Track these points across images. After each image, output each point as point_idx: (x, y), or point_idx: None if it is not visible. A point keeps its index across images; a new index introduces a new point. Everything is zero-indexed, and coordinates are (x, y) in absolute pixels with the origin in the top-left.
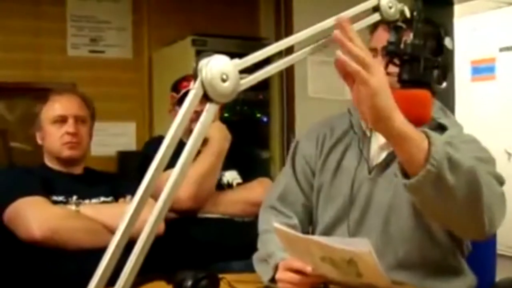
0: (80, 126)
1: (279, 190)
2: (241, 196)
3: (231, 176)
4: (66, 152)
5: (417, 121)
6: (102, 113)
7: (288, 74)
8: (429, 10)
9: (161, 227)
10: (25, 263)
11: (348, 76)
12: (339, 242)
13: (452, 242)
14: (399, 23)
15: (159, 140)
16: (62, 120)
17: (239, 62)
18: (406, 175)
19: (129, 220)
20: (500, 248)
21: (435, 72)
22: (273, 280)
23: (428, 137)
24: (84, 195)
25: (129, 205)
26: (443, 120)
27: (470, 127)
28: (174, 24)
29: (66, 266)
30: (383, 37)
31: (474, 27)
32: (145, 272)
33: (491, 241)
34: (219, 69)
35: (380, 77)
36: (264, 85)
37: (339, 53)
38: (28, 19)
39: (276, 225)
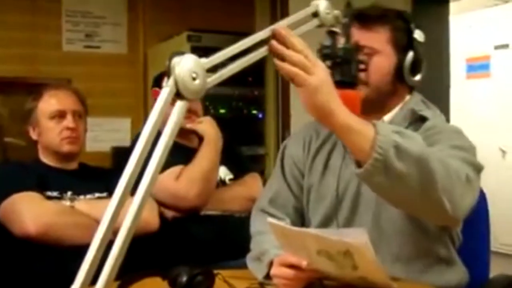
0: (78, 121)
1: (269, 194)
2: (240, 192)
3: (223, 172)
4: (66, 147)
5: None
6: (97, 109)
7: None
8: (425, 7)
9: (156, 224)
10: (19, 259)
11: (292, 80)
12: (335, 234)
13: (442, 231)
14: (334, 28)
15: None
16: (60, 115)
17: (206, 61)
18: (359, 165)
19: (111, 217)
20: (493, 245)
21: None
22: (267, 277)
23: (375, 127)
24: (79, 191)
25: (109, 201)
26: (425, 112)
27: (465, 124)
28: (170, 20)
29: (60, 262)
30: (366, 35)
31: (469, 24)
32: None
33: (485, 237)
34: (190, 68)
35: (320, 75)
36: (259, 81)
37: (277, 62)
38: (23, 14)
39: (271, 220)
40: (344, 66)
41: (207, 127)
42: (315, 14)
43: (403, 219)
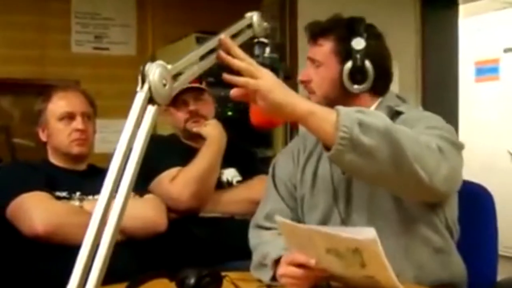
0: (87, 122)
1: (265, 211)
2: (241, 194)
3: (230, 174)
4: (76, 149)
5: (269, 125)
6: (105, 110)
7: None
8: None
9: (164, 224)
10: (27, 258)
11: (246, 96)
12: (344, 231)
13: (435, 216)
14: (262, 39)
15: (157, 138)
16: (69, 117)
17: (172, 67)
18: (329, 150)
19: (101, 219)
20: (501, 249)
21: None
22: (273, 279)
23: (336, 110)
24: (88, 191)
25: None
26: (400, 107)
27: (474, 127)
28: (178, 22)
29: (69, 262)
30: (313, 49)
31: (478, 27)
32: (147, 269)
33: (492, 240)
34: (161, 74)
35: (267, 77)
36: None
37: (227, 77)
38: (33, 15)
39: (279, 218)
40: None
41: (210, 129)
42: (249, 26)
43: (396, 208)
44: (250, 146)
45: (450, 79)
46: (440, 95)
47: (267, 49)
